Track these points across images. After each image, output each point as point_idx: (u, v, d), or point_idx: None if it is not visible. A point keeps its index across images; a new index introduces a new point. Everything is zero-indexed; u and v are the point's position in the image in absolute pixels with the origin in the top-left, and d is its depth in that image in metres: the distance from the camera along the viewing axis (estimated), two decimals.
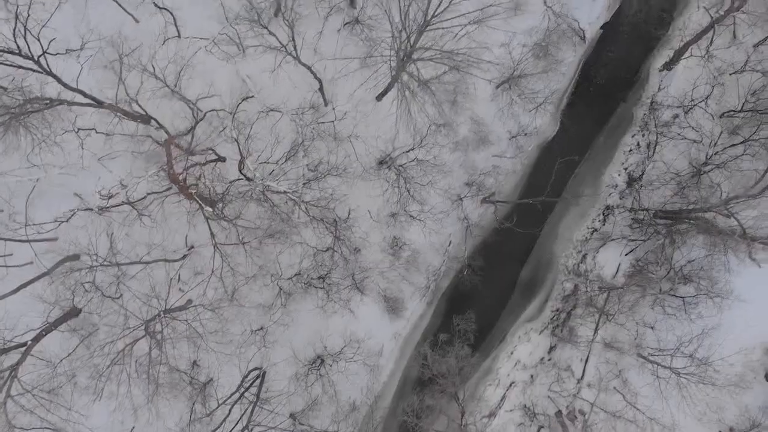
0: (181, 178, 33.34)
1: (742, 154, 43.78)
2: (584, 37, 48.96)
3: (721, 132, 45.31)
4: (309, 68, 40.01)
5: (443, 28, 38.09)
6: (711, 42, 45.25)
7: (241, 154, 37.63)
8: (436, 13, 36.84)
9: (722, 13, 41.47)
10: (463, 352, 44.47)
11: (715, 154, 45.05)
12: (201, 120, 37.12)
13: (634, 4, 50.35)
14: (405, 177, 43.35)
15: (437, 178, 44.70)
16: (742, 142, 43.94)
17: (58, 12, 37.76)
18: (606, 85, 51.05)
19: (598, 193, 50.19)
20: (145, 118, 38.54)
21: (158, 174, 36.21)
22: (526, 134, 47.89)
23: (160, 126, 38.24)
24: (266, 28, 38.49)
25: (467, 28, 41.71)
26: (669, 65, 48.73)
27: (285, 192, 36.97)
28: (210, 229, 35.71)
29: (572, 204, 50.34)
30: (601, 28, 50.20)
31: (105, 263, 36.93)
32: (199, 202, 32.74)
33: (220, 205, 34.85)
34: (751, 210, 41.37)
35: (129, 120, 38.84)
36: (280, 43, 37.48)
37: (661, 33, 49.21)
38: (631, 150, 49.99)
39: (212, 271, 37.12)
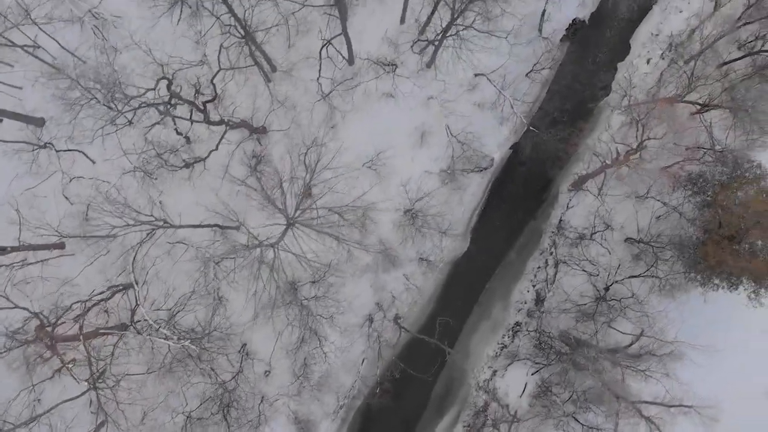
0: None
1: (630, 297, 44.97)
2: (492, 160, 50.79)
3: (619, 265, 46.74)
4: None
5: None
6: (602, 185, 46.87)
7: (136, 300, 38.97)
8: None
9: (609, 162, 43.28)
10: None
11: (615, 282, 46.53)
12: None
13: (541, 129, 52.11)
14: (308, 312, 44.52)
15: (342, 309, 45.87)
16: (639, 275, 45.35)
17: None
18: (516, 203, 52.65)
19: (507, 308, 51.58)
20: None
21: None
22: (432, 260, 49.35)
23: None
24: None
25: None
26: (576, 185, 50.46)
27: (179, 343, 38.07)
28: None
29: (483, 318, 51.76)
30: (511, 148, 52.08)
31: None
32: (75, 377, 33.90)
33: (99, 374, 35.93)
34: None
35: None
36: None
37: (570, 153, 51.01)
38: (539, 267, 51.39)
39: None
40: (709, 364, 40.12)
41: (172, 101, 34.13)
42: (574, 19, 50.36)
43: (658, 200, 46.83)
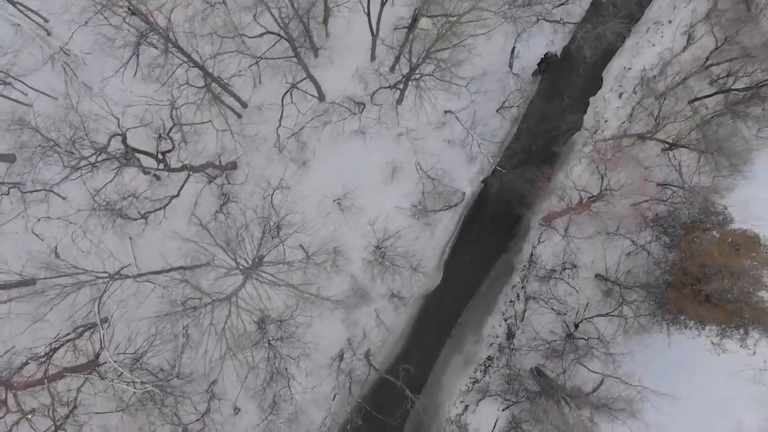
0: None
1: (596, 338, 44.89)
2: (464, 195, 50.75)
3: (587, 303, 46.68)
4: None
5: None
6: (568, 225, 46.83)
7: (101, 343, 38.98)
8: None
9: (573, 206, 43.27)
10: None
11: (584, 320, 46.51)
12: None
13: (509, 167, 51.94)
14: (275, 353, 44.55)
15: (308, 350, 45.85)
16: (606, 315, 45.31)
17: None
18: (488, 236, 52.57)
19: (479, 342, 51.55)
20: None
21: None
22: (403, 295, 49.32)
23: None
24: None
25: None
26: (547, 221, 50.41)
27: (142, 388, 38.10)
28: None
29: (455, 352, 51.75)
30: (483, 182, 52.04)
31: None
32: (34, 429, 33.95)
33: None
34: None
35: None
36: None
37: (536, 194, 50.94)
38: (511, 301, 51.35)
39: None
40: (672, 410, 40.04)
41: (128, 155, 34.15)
42: (546, 54, 50.25)
43: (627, 238, 46.78)
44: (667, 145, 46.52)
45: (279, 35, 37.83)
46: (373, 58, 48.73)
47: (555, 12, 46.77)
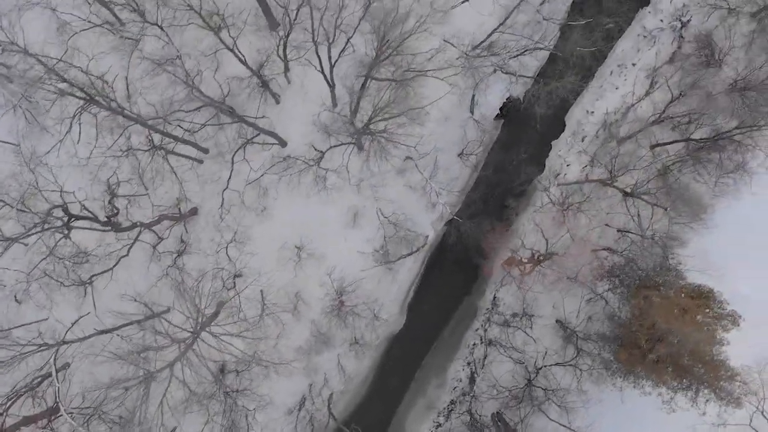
0: None
1: (552, 390, 44.87)
2: (426, 238, 50.70)
3: (546, 352, 46.66)
4: None
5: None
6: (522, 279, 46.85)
7: (56, 398, 39.12)
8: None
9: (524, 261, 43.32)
10: None
11: (543, 367, 46.54)
12: None
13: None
14: (232, 405, 44.58)
15: (264, 402, 45.87)
16: (563, 364, 45.30)
17: None
18: (452, 278, 52.61)
19: (443, 386, 51.57)
20: None
21: None
22: (366, 340, 49.31)
23: None
24: None
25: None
26: (508, 264, 50.37)
27: None
28: None
29: (419, 395, 51.83)
30: (446, 224, 51.99)
31: None
32: None
33: None
34: None
35: None
36: None
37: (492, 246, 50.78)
38: (474, 344, 51.36)
39: None
40: None
41: (69, 225, 34.24)
42: (509, 97, 50.18)
43: (586, 285, 46.73)
44: (626, 192, 46.42)
45: (220, 107, 37.89)
46: (334, 104, 48.70)
47: (511, 63, 46.70)
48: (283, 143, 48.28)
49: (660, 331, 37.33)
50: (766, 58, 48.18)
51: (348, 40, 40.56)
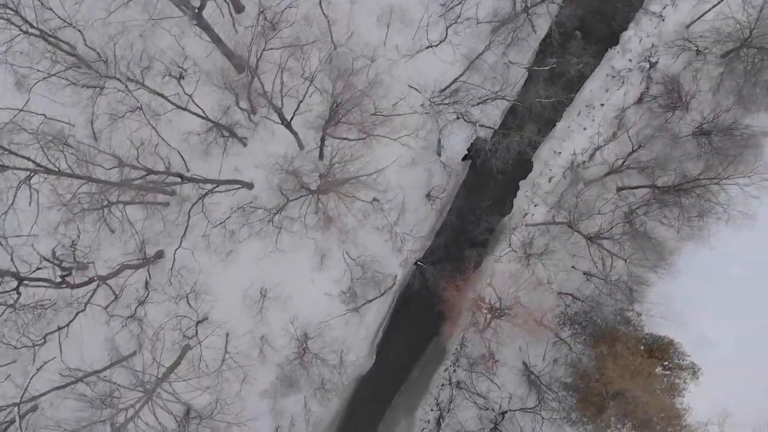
0: None
1: None
2: (395, 278, 50.67)
3: (511, 396, 46.59)
4: None
5: None
6: (483, 329, 46.67)
7: None
8: None
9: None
10: None
11: (509, 411, 46.47)
12: None
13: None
14: None
15: None
16: (527, 410, 45.24)
17: None
18: (422, 317, 52.51)
19: (411, 427, 51.50)
20: None
21: None
22: (334, 382, 49.17)
23: None
24: None
25: None
26: (473, 306, 50.31)
27: None
28: None
29: None
30: (416, 264, 51.94)
31: None
32: None
33: None
34: None
35: None
36: None
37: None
38: (443, 385, 51.27)
39: None
40: None
41: (19, 290, 34.27)
42: (476, 138, 50.10)
43: (550, 329, 46.65)
44: (591, 236, 46.35)
45: (177, 176, 37.92)
46: (301, 147, 48.69)
47: (473, 111, 46.66)
48: (249, 186, 48.26)
49: (617, 386, 37.28)
50: (734, 101, 48.20)
51: (299, 102, 40.71)
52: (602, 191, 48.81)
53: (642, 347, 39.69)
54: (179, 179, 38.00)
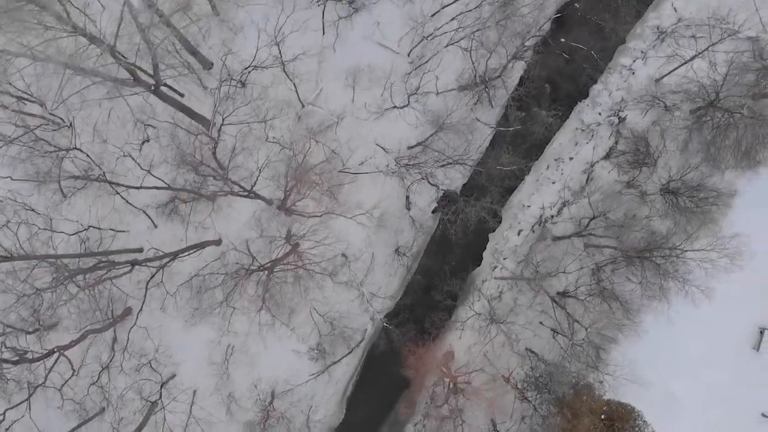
0: None
1: None
2: (365, 331, 50.64)
3: None
4: None
5: None
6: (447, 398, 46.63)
7: None
8: None
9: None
10: None
11: None
12: None
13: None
14: None
15: None
16: None
17: None
18: (392, 370, 52.41)
19: None
20: None
21: None
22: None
23: None
24: None
25: None
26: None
27: None
28: None
29: None
30: (390, 306, 51.69)
31: None
32: None
33: None
34: None
35: None
36: None
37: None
38: None
39: None
40: None
41: None
42: (446, 191, 50.13)
43: (516, 389, 46.70)
44: (557, 295, 46.42)
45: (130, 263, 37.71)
46: (270, 203, 48.71)
47: (437, 172, 46.72)
48: (217, 242, 48.25)
49: None
50: (701, 158, 48.27)
51: (249, 191, 40.43)
52: (569, 248, 48.84)
53: (603, 416, 39.72)
54: (133, 261, 37.89)
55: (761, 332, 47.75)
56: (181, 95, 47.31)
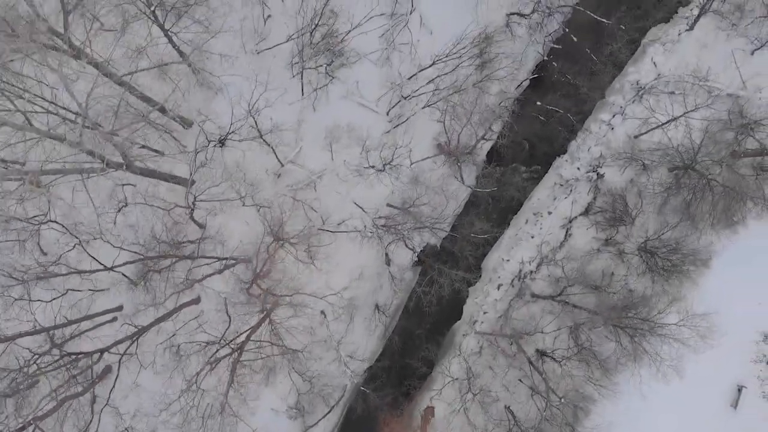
0: None
1: None
2: (345, 387, 50.63)
3: None
4: None
5: None
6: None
7: None
8: None
9: None
10: None
11: None
12: None
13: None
14: None
15: None
16: None
17: None
18: (371, 425, 52.59)
19: None
20: None
21: None
22: None
23: None
24: None
25: None
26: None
27: None
28: None
29: None
30: (367, 369, 51.76)
31: None
32: None
33: None
34: None
35: None
36: None
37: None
38: None
39: None
40: None
41: None
42: (426, 245, 50.25)
43: None
44: (530, 362, 46.53)
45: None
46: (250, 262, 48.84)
47: (414, 235, 46.90)
48: (196, 301, 48.34)
49: None
50: (679, 218, 48.35)
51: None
52: (547, 306, 48.99)
53: None
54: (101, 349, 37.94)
55: (739, 390, 47.97)
56: (162, 154, 47.51)
